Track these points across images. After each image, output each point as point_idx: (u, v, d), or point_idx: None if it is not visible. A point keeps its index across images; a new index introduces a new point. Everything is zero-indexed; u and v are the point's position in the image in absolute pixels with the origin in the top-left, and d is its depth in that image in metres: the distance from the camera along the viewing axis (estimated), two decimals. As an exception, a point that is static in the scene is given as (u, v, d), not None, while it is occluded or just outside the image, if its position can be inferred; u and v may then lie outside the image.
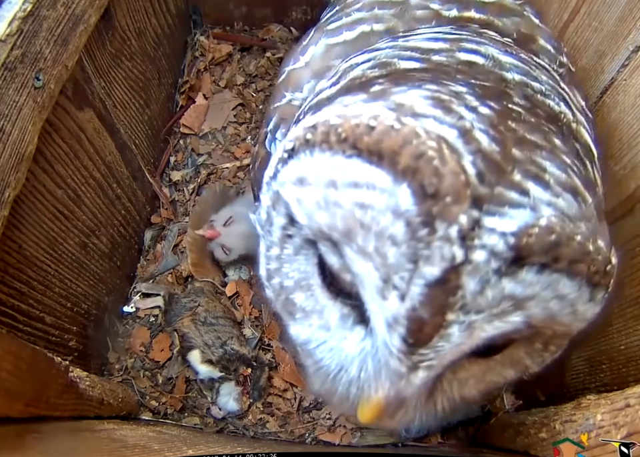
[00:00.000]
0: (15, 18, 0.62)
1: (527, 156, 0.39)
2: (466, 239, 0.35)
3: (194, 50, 1.39)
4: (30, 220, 0.77)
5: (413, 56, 0.53)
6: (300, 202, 0.42)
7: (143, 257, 1.21)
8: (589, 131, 0.55)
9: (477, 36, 0.58)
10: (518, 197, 0.36)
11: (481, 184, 0.36)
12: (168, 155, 1.29)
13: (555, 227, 0.36)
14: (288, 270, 0.49)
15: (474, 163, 0.36)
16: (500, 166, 0.37)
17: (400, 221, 0.35)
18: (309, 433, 1.05)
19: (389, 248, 0.36)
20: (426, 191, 0.34)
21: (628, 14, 0.74)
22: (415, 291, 0.36)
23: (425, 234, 0.35)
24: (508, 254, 0.35)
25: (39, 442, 0.62)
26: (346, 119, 0.38)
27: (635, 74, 0.73)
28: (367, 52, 0.58)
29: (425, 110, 0.39)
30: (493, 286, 0.36)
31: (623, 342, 0.72)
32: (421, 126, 0.36)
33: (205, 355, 1.05)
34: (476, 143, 0.37)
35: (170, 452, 0.75)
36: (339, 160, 0.38)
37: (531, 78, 0.52)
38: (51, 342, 0.86)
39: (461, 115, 0.39)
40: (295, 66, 0.67)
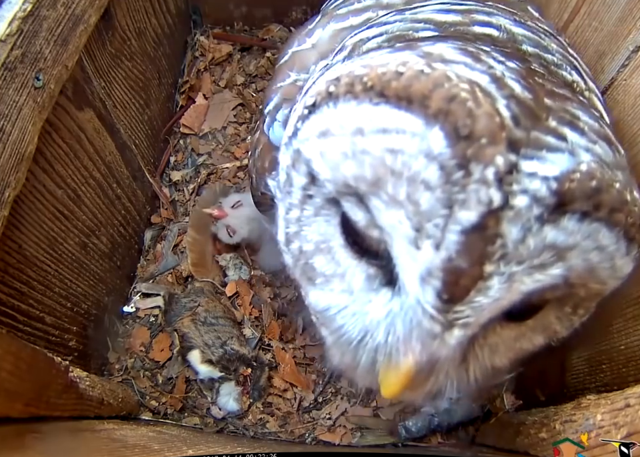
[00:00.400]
0: (15, 18, 0.62)
1: (559, 105, 0.38)
2: (503, 182, 0.33)
3: (194, 50, 1.39)
4: (30, 220, 0.77)
5: (428, 27, 0.51)
6: (323, 155, 0.40)
7: (143, 257, 1.21)
8: (600, 99, 0.55)
9: (484, 6, 0.56)
10: (555, 141, 0.35)
11: (517, 127, 0.34)
12: (168, 155, 1.29)
13: (596, 173, 0.35)
14: (307, 233, 0.47)
15: (508, 107, 0.35)
16: (534, 112, 0.36)
17: (433, 164, 0.34)
18: (309, 433, 1.05)
19: (422, 193, 0.35)
20: (459, 133, 0.33)
21: (628, 14, 0.74)
22: (451, 239, 0.34)
23: (460, 177, 0.33)
24: (551, 199, 0.34)
25: (39, 442, 0.62)
26: (372, 68, 0.38)
27: (634, 74, 0.73)
28: (375, 27, 0.55)
29: (455, 57, 0.38)
30: (535, 234, 0.34)
31: (623, 342, 0.72)
32: (452, 71, 0.36)
33: (205, 355, 1.05)
34: (509, 89, 0.36)
35: (170, 452, 0.75)
36: (366, 108, 0.37)
37: (543, 50, 0.52)
38: (51, 342, 0.86)
39: (491, 65, 0.38)
40: (301, 48, 0.64)
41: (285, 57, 0.68)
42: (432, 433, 1.02)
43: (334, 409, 1.06)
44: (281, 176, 0.47)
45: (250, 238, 1.14)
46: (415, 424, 1.01)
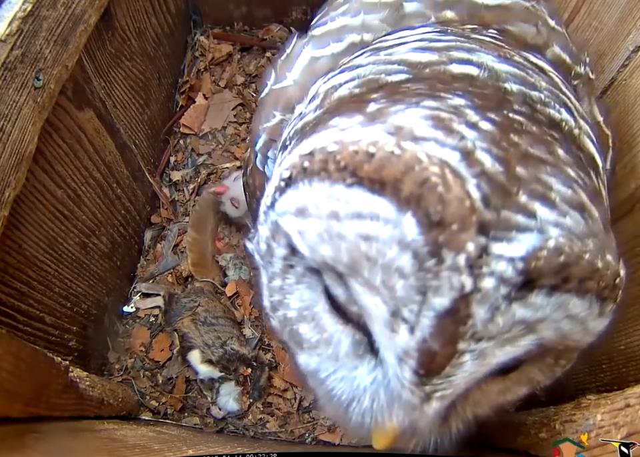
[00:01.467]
0: (15, 18, 0.62)
1: (532, 174, 0.37)
2: (474, 267, 0.34)
3: (194, 50, 1.39)
4: (30, 220, 0.77)
5: (401, 69, 0.50)
6: (302, 234, 0.40)
7: (143, 257, 1.21)
8: (592, 139, 0.52)
9: (465, 41, 0.54)
10: (525, 220, 0.35)
11: (487, 208, 0.34)
12: (168, 155, 1.29)
13: (564, 247, 0.35)
14: (290, 301, 0.48)
15: (478, 186, 0.35)
16: (505, 188, 0.36)
17: (407, 252, 0.34)
18: (309, 433, 1.05)
19: (397, 280, 0.35)
20: (431, 219, 0.33)
21: (628, 14, 0.74)
22: (425, 323, 0.35)
23: (432, 265, 0.34)
24: (517, 279, 0.34)
25: (39, 442, 0.62)
26: (344, 145, 0.37)
27: (634, 74, 0.73)
28: (347, 71, 0.54)
29: (425, 133, 0.38)
30: (504, 312, 0.35)
31: (623, 342, 0.72)
32: (422, 151, 0.35)
33: (205, 355, 1.05)
34: (479, 165, 0.36)
35: (170, 452, 0.75)
36: (340, 189, 0.37)
37: (529, 87, 0.49)
38: (51, 342, 0.86)
39: (462, 135, 0.38)
40: (282, 85, 0.64)
41: (265, 90, 0.67)
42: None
43: (334, 409, 1.06)
44: (261, 246, 0.46)
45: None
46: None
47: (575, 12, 0.86)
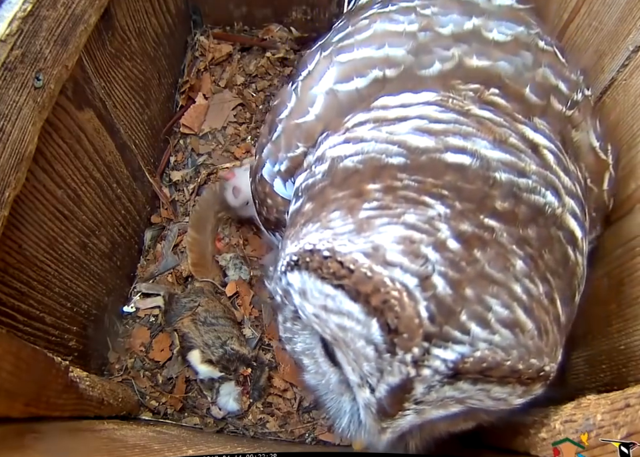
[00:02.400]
0: (14, 18, 0.62)
1: (477, 295, 0.47)
2: (418, 362, 0.46)
3: (194, 50, 1.39)
4: (30, 220, 0.77)
5: (400, 152, 0.58)
6: (302, 308, 0.53)
7: (143, 257, 1.21)
8: (576, 213, 0.60)
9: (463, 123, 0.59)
10: (460, 336, 0.46)
11: (432, 324, 0.45)
12: (168, 155, 1.29)
13: (487, 358, 0.46)
14: (297, 341, 0.61)
15: (427, 308, 0.45)
16: (450, 308, 0.46)
17: (371, 345, 0.47)
18: (309, 433, 1.05)
19: (363, 361, 0.49)
20: (389, 327, 0.45)
21: (628, 14, 0.74)
22: (382, 389, 0.49)
23: (388, 357, 0.46)
24: (447, 372, 0.46)
25: (39, 442, 0.62)
26: (334, 256, 0.48)
27: (634, 74, 0.73)
28: (352, 143, 0.61)
29: (394, 259, 0.47)
30: (437, 390, 0.47)
31: (623, 342, 0.72)
32: (388, 276, 0.46)
33: (205, 355, 1.05)
34: (432, 289, 0.46)
35: (170, 452, 0.75)
36: (328, 288, 0.48)
37: (517, 175, 0.56)
38: (51, 342, 0.86)
39: (427, 258, 0.47)
40: (305, 119, 0.69)
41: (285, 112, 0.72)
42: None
43: (334, 409, 1.06)
44: (276, 297, 0.60)
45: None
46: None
47: (574, 12, 0.86)
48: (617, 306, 0.74)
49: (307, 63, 0.74)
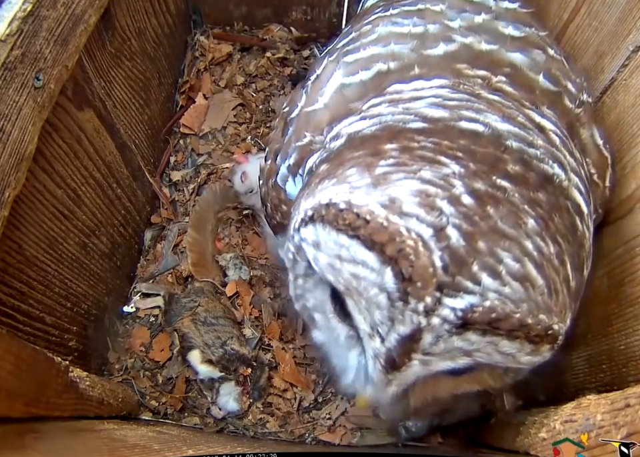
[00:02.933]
0: (14, 18, 0.62)
1: (490, 248, 0.48)
2: (429, 311, 0.46)
3: (194, 50, 1.39)
4: (30, 220, 0.77)
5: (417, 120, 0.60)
6: (316, 260, 0.53)
7: (143, 257, 1.21)
8: (581, 190, 0.62)
9: (475, 101, 0.63)
10: (471, 286, 0.46)
11: (445, 274, 0.46)
12: (168, 155, 1.29)
13: (496, 308, 0.46)
14: (309, 297, 0.62)
15: (442, 258, 0.46)
16: (463, 259, 0.47)
17: (383, 294, 0.48)
18: (309, 433, 1.05)
19: (375, 310, 0.49)
20: (403, 276, 0.46)
21: (628, 14, 0.74)
22: (392, 339, 0.49)
23: (400, 306, 0.47)
24: (456, 322, 0.46)
25: (39, 442, 0.62)
26: (350, 208, 0.49)
27: (634, 74, 0.73)
28: (368, 119, 0.64)
29: (411, 210, 0.48)
30: (445, 340, 0.48)
31: (623, 342, 0.72)
32: (404, 226, 0.47)
33: (205, 355, 1.05)
34: (446, 240, 0.47)
35: (170, 452, 0.75)
36: (343, 238, 0.49)
37: (527, 145, 0.59)
38: (51, 342, 0.86)
39: (441, 211, 0.48)
40: (314, 107, 0.72)
41: (296, 111, 0.76)
42: (432, 433, 1.02)
43: (334, 409, 1.06)
44: (288, 255, 0.60)
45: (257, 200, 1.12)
46: (415, 424, 1.01)
47: (575, 12, 0.86)
48: (617, 305, 0.74)
49: (315, 68, 0.78)
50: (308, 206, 0.54)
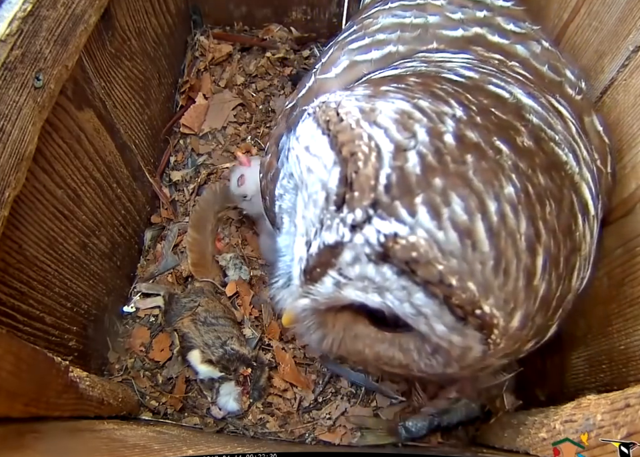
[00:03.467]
0: (15, 18, 0.62)
1: (444, 188, 0.45)
2: (356, 227, 0.45)
3: (194, 50, 1.39)
4: (30, 220, 0.77)
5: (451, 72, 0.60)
6: (290, 150, 0.53)
7: (143, 257, 1.21)
8: (591, 188, 0.59)
9: (502, 74, 0.63)
10: (405, 214, 0.44)
11: (385, 194, 0.44)
12: (168, 155, 1.29)
13: (419, 248, 0.43)
14: (286, 198, 0.63)
15: (389, 177, 0.44)
16: (410, 187, 0.44)
17: (324, 193, 0.47)
18: (309, 433, 1.05)
19: (312, 207, 0.48)
20: (346, 180, 0.45)
21: (628, 14, 0.74)
22: (315, 245, 0.48)
23: (333, 210, 0.46)
24: (377, 248, 0.44)
25: (39, 442, 0.62)
26: (336, 107, 0.49)
27: (634, 74, 0.73)
28: (398, 68, 0.64)
29: (384, 122, 0.47)
30: (362, 265, 0.46)
31: (623, 342, 0.72)
32: (367, 133, 0.46)
33: (205, 355, 1.05)
34: (402, 161, 0.45)
35: (170, 451, 0.75)
36: (318, 133, 0.49)
37: (547, 126, 0.57)
38: (51, 342, 0.86)
39: (414, 134, 0.47)
40: (327, 76, 0.73)
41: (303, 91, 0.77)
42: (432, 433, 1.02)
43: (334, 409, 1.06)
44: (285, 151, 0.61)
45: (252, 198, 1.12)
46: (415, 424, 1.01)
47: (575, 12, 0.86)
48: (617, 306, 0.74)
49: (321, 58, 0.79)
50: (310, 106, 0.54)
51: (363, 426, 1.04)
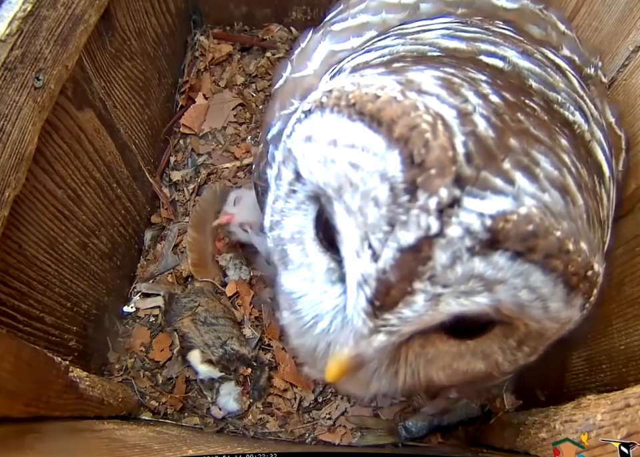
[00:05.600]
0: (15, 18, 0.62)
1: (523, 148, 0.39)
2: (443, 213, 0.36)
3: (194, 50, 1.39)
4: (30, 220, 0.77)
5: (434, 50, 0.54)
6: (305, 157, 0.44)
7: (143, 257, 1.21)
8: (604, 147, 0.54)
9: (489, 34, 0.57)
10: (502, 184, 0.37)
11: (468, 164, 0.36)
12: (168, 155, 1.29)
13: (535, 218, 0.36)
14: (286, 223, 0.51)
15: (465, 144, 0.37)
16: (491, 152, 0.38)
17: (385, 184, 0.37)
18: (309, 433, 1.05)
19: (371, 208, 0.38)
20: (414, 160, 0.36)
21: (628, 15, 0.74)
22: (388, 254, 0.37)
23: (405, 201, 0.36)
24: (483, 235, 0.36)
25: (39, 442, 0.62)
26: (358, 87, 0.41)
27: (634, 74, 0.73)
28: (374, 50, 0.58)
29: (431, 89, 0.40)
30: (464, 263, 0.37)
31: (623, 342, 0.72)
32: (421, 101, 0.38)
33: (205, 355, 1.05)
34: (472, 126, 0.38)
35: (170, 451, 0.75)
36: (344, 121, 0.40)
37: (547, 87, 0.52)
38: (51, 342, 0.86)
39: (467, 98, 0.40)
40: (303, 74, 0.66)
41: (280, 81, 0.70)
42: (432, 433, 1.02)
43: (334, 409, 1.06)
44: (273, 170, 0.51)
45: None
46: (415, 424, 1.01)
47: (575, 12, 0.86)
48: (617, 305, 0.74)
49: (300, 42, 0.73)
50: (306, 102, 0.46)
51: (363, 426, 1.04)
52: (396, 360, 0.47)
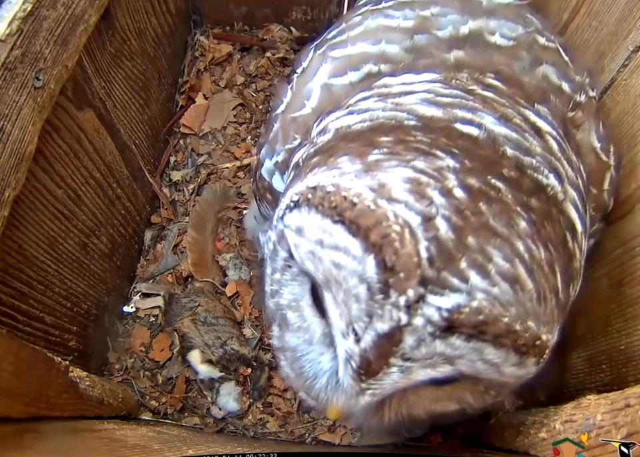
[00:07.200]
0: (15, 18, 0.62)
1: (480, 245, 0.45)
2: (410, 308, 0.43)
3: (194, 50, 1.39)
4: (30, 220, 0.77)
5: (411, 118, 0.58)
6: (297, 247, 0.50)
7: (143, 257, 1.21)
8: (577, 205, 0.59)
9: (469, 99, 0.60)
10: (458, 283, 0.43)
11: (430, 267, 0.43)
12: (168, 155, 1.29)
13: (484, 309, 0.43)
14: (284, 292, 0.58)
15: (428, 249, 0.43)
16: (450, 253, 0.44)
17: (363, 285, 0.44)
18: (309, 433, 1.05)
19: (353, 303, 0.45)
20: (386, 265, 0.43)
21: (628, 15, 0.74)
22: (368, 338, 0.45)
23: (380, 299, 0.43)
24: (441, 323, 0.43)
25: (39, 442, 0.62)
26: (338, 190, 0.47)
27: (634, 74, 0.73)
28: (356, 113, 0.62)
29: (400, 195, 0.46)
30: (428, 344, 0.44)
31: (623, 342, 0.72)
32: (391, 211, 0.44)
33: (205, 355, 1.05)
34: (434, 231, 0.44)
35: (170, 452, 0.75)
36: (328, 223, 0.47)
37: (522, 153, 0.56)
38: (51, 342, 0.86)
39: (432, 200, 0.46)
40: (302, 113, 0.71)
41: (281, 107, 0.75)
42: (432, 433, 1.02)
43: (334, 409, 1.06)
44: (269, 245, 0.57)
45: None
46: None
47: (574, 12, 0.86)
48: (617, 305, 0.74)
49: (302, 61, 0.76)
50: (295, 191, 0.51)
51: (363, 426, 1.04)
52: (382, 406, 0.56)
